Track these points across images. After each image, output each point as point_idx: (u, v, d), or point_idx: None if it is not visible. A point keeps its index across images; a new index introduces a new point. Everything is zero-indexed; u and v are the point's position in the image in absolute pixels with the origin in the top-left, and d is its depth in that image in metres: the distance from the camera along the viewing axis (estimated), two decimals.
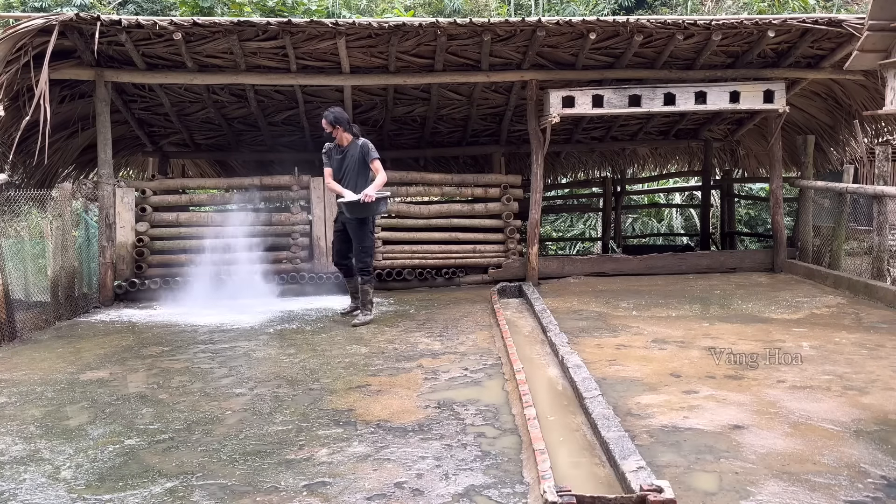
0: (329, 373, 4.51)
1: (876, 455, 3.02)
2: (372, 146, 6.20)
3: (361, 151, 6.14)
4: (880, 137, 9.39)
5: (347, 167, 6.16)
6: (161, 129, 9.35)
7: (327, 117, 6.11)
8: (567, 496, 2.36)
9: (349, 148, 6.17)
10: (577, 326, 5.61)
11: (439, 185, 8.46)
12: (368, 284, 6.20)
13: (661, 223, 15.18)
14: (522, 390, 3.81)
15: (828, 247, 8.16)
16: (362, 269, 6.17)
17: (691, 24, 7.15)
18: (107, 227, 7.37)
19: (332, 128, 6.10)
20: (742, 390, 3.91)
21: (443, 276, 8.20)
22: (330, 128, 6.10)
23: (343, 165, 6.18)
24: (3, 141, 7.21)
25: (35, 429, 3.59)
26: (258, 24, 6.87)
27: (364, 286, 6.17)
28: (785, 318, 5.82)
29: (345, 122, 6.14)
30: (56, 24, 6.39)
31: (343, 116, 6.14)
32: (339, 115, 6.12)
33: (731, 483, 2.77)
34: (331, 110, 6.14)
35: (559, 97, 7.52)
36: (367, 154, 6.14)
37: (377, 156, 6.18)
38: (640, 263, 8.48)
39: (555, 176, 12.43)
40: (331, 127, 6.10)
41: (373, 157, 6.14)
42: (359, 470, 2.98)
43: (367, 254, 6.19)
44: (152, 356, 5.06)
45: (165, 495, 2.78)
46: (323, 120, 6.13)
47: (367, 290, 6.19)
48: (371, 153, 6.15)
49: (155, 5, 16.86)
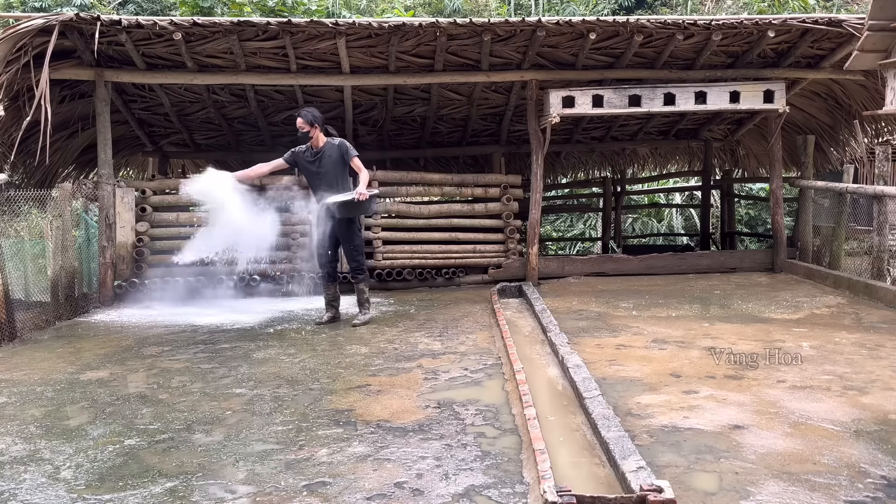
0: (329, 373, 4.51)
1: (876, 455, 3.02)
2: (349, 144, 6.02)
3: (340, 151, 5.93)
4: (880, 137, 9.40)
5: (325, 169, 5.92)
6: (161, 129, 9.35)
7: (305, 117, 5.85)
8: (567, 496, 2.36)
9: (324, 149, 5.94)
10: (577, 326, 5.61)
11: (439, 185, 8.46)
12: (364, 283, 6.16)
13: (661, 223, 15.18)
14: (522, 390, 3.81)
15: (828, 247, 8.16)
16: (357, 269, 6.10)
17: (691, 24, 7.15)
18: (107, 227, 7.37)
19: (310, 127, 5.86)
20: (742, 390, 3.91)
21: (443, 276, 8.20)
22: (308, 127, 5.86)
23: (319, 168, 5.94)
24: (4, 141, 7.21)
25: (35, 429, 3.59)
26: (258, 24, 6.87)
27: (359, 285, 6.14)
28: (785, 318, 5.82)
29: (321, 122, 5.96)
30: (56, 24, 6.39)
31: (319, 116, 5.94)
32: (316, 114, 5.91)
33: (731, 483, 2.77)
34: (308, 110, 5.93)
35: (559, 97, 7.52)
36: (346, 153, 5.93)
37: (357, 153, 5.99)
38: (640, 263, 8.48)
39: (555, 176, 12.44)
40: (309, 126, 5.85)
41: (353, 154, 5.94)
42: (359, 470, 2.98)
43: (359, 252, 6.13)
44: (152, 356, 5.06)
45: (165, 495, 2.78)
46: (299, 119, 5.87)
47: (362, 289, 6.15)
48: (351, 151, 5.95)
49: (155, 5, 16.85)
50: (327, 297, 6.25)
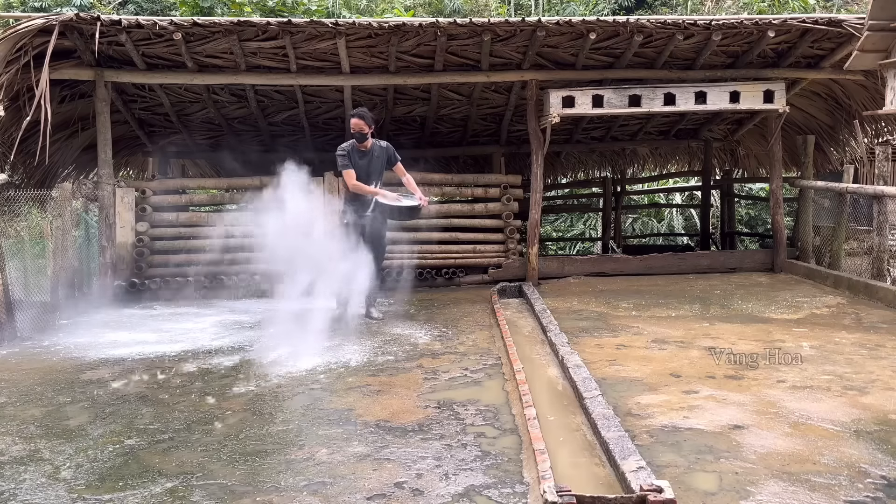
0: (329, 372, 4.51)
1: (876, 455, 3.02)
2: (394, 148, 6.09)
3: (387, 154, 5.99)
4: (880, 137, 9.40)
5: (373, 170, 5.94)
6: (161, 129, 9.35)
7: (367, 119, 5.81)
8: (567, 496, 2.36)
9: (373, 150, 5.94)
10: (578, 326, 5.61)
11: (439, 185, 8.46)
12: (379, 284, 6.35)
13: (661, 223, 15.19)
14: (522, 390, 3.81)
15: (828, 247, 8.17)
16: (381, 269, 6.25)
17: (691, 24, 7.15)
18: (107, 227, 7.37)
19: (369, 128, 5.82)
20: (742, 390, 3.91)
21: (443, 276, 8.20)
22: (367, 128, 5.80)
23: (368, 169, 5.92)
24: (4, 141, 7.21)
25: (35, 429, 3.59)
26: (258, 24, 6.87)
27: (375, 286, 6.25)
28: (785, 318, 5.82)
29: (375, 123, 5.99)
30: (56, 25, 6.40)
31: (374, 117, 5.97)
32: (372, 115, 5.93)
33: (731, 483, 2.77)
34: (364, 110, 5.90)
35: (559, 97, 7.52)
36: (393, 156, 6.04)
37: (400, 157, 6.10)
38: (640, 263, 8.48)
39: (555, 176, 12.44)
40: (368, 128, 5.81)
41: (398, 158, 6.05)
42: (359, 470, 2.98)
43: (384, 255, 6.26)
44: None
45: (165, 495, 2.78)
46: (359, 120, 5.80)
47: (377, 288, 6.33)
48: (397, 154, 6.06)
49: (155, 5, 16.85)
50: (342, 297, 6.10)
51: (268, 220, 5.65)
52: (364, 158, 5.93)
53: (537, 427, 3.24)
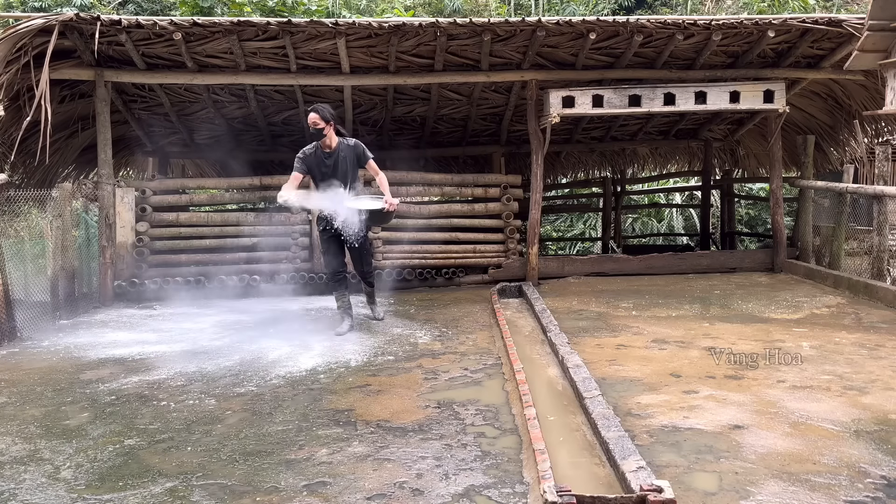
0: (329, 372, 4.51)
1: (876, 455, 3.02)
2: (364, 145, 5.68)
3: (355, 152, 5.61)
4: (880, 137, 9.40)
5: (340, 171, 5.57)
6: (161, 129, 9.34)
7: (321, 112, 5.44)
8: (567, 496, 2.36)
9: (338, 150, 5.57)
10: (577, 326, 5.61)
11: (439, 185, 8.46)
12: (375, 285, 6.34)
13: (661, 223, 15.18)
14: (522, 390, 3.81)
15: (828, 247, 8.17)
16: (371, 272, 6.19)
17: (691, 24, 7.15)
18: (107, 227, 7.37)
19: (325, 124, 5.45)
20: (742, 390, 3.91)
21: (443, 276, 8.20)
22: (323, 124, 5.44)
23: (334, 169, 5.57)
24: (4, 141, 7.21)
25: (35, 429, 3.59)
26: (258, 24, 6.87)
27: (371, 288, 6.24)
28: (785, 318, 5.82)
29: (335, 119, 5.57)
30: (56, 25, 6.40)
31: (334, 113, 5.56)
32: (331, 111, 5.53)
33: (731, 483, 2.77)
34: (322, 106, 5.51)
35: (559, 97, 7.52)
36: (362, 154, 5.62)
37: (372, 155, 5.69)
38: (640, 263, 8.48)
39: (555, 176, 12.44)
40: (324, 123, 5.45)
41: (369, 156, 5.63)
42: (359, 470, 2.98)
43: (373, 256, 6.21)
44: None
45: (165, 495, 2.78)
46: (314, 115, 5.45)
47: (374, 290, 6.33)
48: (367, 152, 5.64)
49: (155, 5, 16.84)
50: (343, 304, 5.81)
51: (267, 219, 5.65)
52: (330, 159, 5.58)
53: (537, 427, 3.24)
